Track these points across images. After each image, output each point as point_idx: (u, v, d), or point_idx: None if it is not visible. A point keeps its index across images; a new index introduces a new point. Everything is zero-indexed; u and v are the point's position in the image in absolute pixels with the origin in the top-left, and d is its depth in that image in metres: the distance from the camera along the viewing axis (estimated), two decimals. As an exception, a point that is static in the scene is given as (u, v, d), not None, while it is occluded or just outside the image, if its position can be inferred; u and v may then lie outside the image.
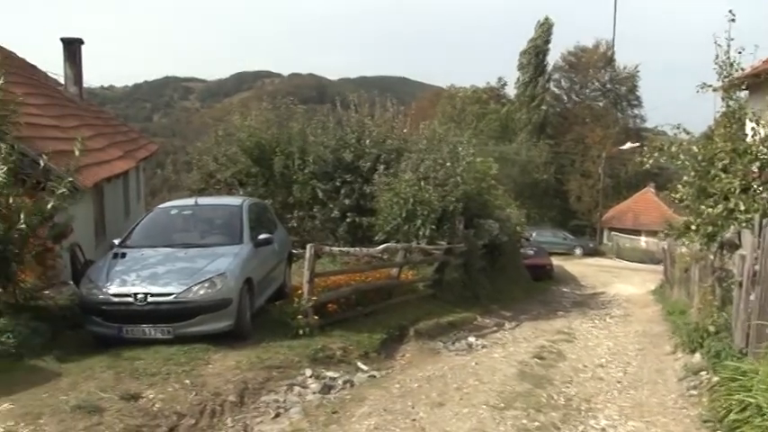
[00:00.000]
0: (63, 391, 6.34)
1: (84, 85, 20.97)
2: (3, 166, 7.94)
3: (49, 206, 8.44)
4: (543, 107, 52.53)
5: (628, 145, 41.43)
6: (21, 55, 19.72)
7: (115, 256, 9.05)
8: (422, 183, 14.25)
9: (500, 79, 59.09)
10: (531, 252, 26.38)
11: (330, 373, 8.00)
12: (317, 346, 8.55)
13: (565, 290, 23.32)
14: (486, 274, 16.59)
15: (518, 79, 53.87)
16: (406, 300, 12.49)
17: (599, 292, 22.66)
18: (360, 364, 8.62)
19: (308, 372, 7.87)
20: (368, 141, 16.32)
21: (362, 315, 10.67)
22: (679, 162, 10.55)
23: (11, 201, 8.03)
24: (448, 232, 14.43)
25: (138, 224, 10.18)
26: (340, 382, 7.83)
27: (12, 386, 6.48)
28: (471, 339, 11.30)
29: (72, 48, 19.71)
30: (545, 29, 51.89)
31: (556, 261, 29.20)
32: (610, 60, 55.16)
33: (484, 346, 10.89)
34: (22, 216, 8.00)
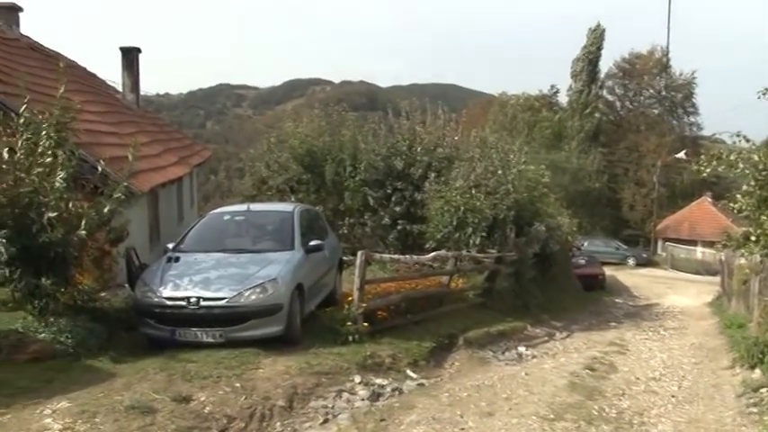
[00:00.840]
0: (117, 392, 6.50)
1: (141, 92, 21.45)
2: (63, 172, 8.17)
3: (106, 210, 8.63)
4: (596, 115, 51.71)
5: (683, 153, 40.55)
6: (81, 64, 20.35)
7: (169, 260, 9.21)
8: (473, 191, 14.18)
9: (552, 87, 58.50)
10: (583, 261, 26.01)
11: (379, 381, 8.00)
12: (366, 353, 8.56)
13: (617, 300, 22.91)
14: (536, 283, 16.41)
15: (570, 87, 53.17)
16: (455, 308, 12.42)
17: (653, 304, 22.18)
18: (409, 372, 8.61)
19: (357, 378, 7.89)
20: (419, 149, 16.32)
21: (412, 323, 10.65)
22: (738, 171, 10.26)
23: (70, 205, 8.24)
24: (498, 241, 14.32)
25: (191, 229, 10.34)
26: (389, 389, 7.83)
27: (70, 385, 6.68)
28: (521, 349, 11.19)
29: (130, 56, 20.21)
30: (597, 35, 51.13)
31: (608, 271, 28.72)
32: (665, 67, 53.98)
33: (534, 357, 10.78)
34: (83, 221, 8.22)
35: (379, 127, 17.40)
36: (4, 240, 7.68)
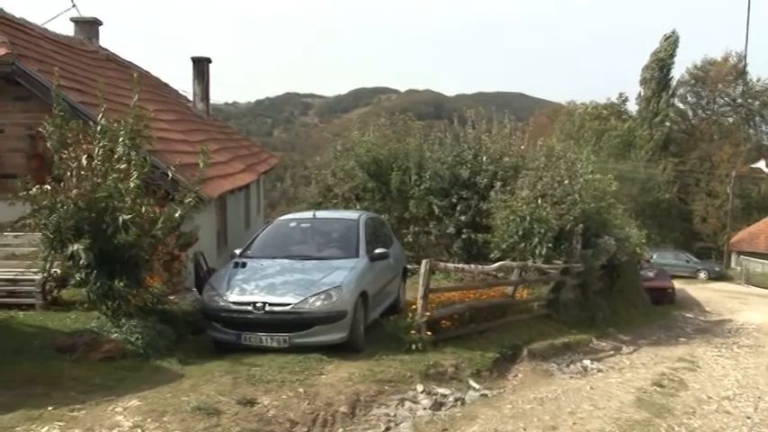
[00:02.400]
0: (185, 392, 6.65)
1: (211, 101, 21.97)
2: (136, 178, 8.44)
3: (177, 215, 8.87)
4: (667, 123, 50.44)
5: (762, 163, 39.11)
6: (154, 74, 21.00)
7: (236, 265, 9.39)
8: (539, 200, 14.01)
9: (621, 95, 57.17)
10: (652, 274, 25.33)
11: (441, 390, 7.96)
12: (429, 362, 8.53)
13: (688, 315, 22.19)
14: (603, 295, 16.06)
15: (639, 94, 52.11)
16: (519, 319, 12.28)
17: (725, 320, 21.40)
18: (471, 382, 8.54)
19: (420, 387, 7.87)
20: (485, 158, 16.22)
21: (475, 332, 10.56)
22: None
23: (143, 210, 8.50)
24: (565, 251, 14.08)
25: (258, 235, 10.53)
26: (451, 399, 7.78)
27: (140, 384, 6.89)
28: (586, 363, 10.96)
29: (200, 66, 20.73)
30: (671, 42, 49.92)
31: (678, 284, 27.86)
32: (741, 73, 52.32)
33: (599, 371, 10.54)
34: (158, 224, 8.47)
35: (445, 135, 17.36)
36: (83, 247, 7.99)
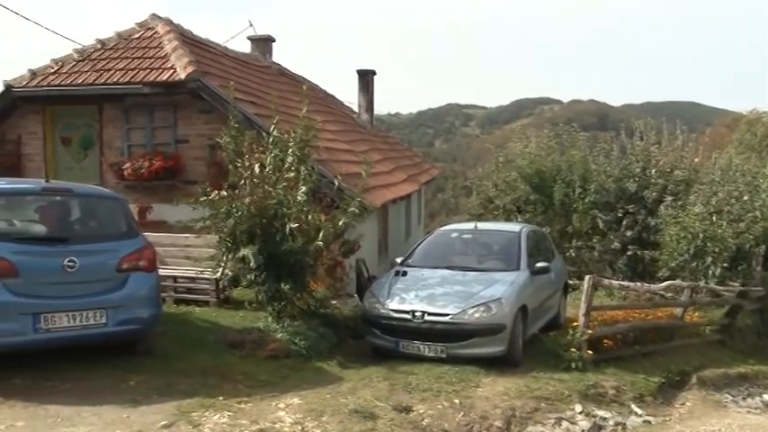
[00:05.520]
0: (343, 395, 6.85)
1: (374, 112, 22.57)
2: (304, 186, 8.81)
3: (341, 223, 9.17)
4: None
5: None
6: (322, 86, 21.90)
7: (397, 273, 9.53)
8: (713, 217, 13.15)
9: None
10: None
11: (601, 412, 7.65)
12: (588, 382, 8.21)
13: None
14: (788, 323, 14.77)
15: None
16: (688, 343, 11.53)
17: None
18: (634, 407, 8.13)
19: (578, 408, 7.60)
20: (653, 171, 15.53)
21: (639, 354, 10.05)
22: None
23: (309, 217, 8.86)
24: (742, 273, 13.11)
25: (419, 245, 10.63)
26: (611, 422, 7.47)
27: (301, 383, 7.19)
28: (767, 397, 10.12)
29: (365, 78, 21.39)
30: None
31: None
32: None
33: (783, 407, 9.67)
34: (320, 232, 8.80)
35: (611, 147, 16.80)
36: (254, 251, 8.45)
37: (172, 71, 11.95)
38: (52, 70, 12.77)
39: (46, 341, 6.57)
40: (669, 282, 11.72)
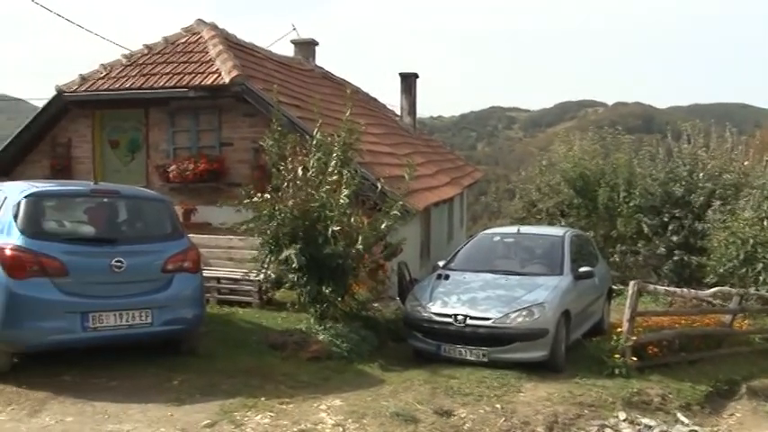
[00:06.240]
0: (384, 397, 6.85)
1: (417, 115, 22.57)
2: (347, 189, 8.84)
3: (383, 226, 9.17)
4: None
5: None
6: (364, 89, 21.99)
7: (439, 277, 9.49)
8: (764, 222, 12.84)
9: None
10: None
11: (646, 420, 7.49)
12: (633, 389, 8.06)
13: None
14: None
15: None
16: (737, 351, 11.24)
17: None
18: (680, 416, 7.94)
19: (622, 415, 7.47)
20: (701, 175, 15.24)
21: (686, 362, 9.85)
22: None
23: (352, 220, 8.89)
24: (796, 281, 12.77)
25: (461, 248, 10.58)
26: (656, 431, 7.30)
27: (342, 385, 7.22)
28: (819, 408, 9.80)
29: (408, 81, 21.42)
30: None
31: None
32: None
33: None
34: (362, 235, 8.83)
35: (657, 150, 16.56)
36: (296, 252, 8.52)
37: (216, 75, 12.13)
38: (101, 75, 13.08)
39: (93, 339, 6.75)
40: (717, 288, 11.49)
